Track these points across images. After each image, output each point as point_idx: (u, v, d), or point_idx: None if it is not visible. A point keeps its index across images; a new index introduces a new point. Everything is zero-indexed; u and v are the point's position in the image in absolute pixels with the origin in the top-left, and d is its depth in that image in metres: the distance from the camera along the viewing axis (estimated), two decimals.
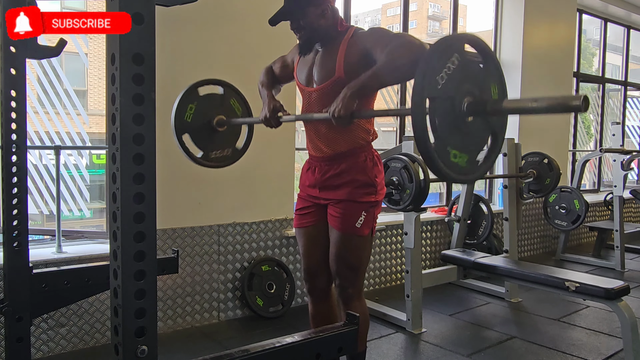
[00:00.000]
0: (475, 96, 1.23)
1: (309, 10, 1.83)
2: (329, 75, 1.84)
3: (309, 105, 1.94)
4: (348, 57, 1.81)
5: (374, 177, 1.91)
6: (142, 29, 0.89)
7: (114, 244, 0.92)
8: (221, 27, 3.05)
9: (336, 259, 1.94)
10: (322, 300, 2.09)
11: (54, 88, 3.49)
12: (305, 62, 1.96)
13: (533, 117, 5.11)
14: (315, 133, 1.95)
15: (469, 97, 1.22)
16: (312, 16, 1.83)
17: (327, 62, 1.86)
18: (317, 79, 1.89)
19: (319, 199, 1.98)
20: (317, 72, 1.89)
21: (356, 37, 1.83)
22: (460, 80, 1.21)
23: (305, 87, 1.95)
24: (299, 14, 1.84)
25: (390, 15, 26.51)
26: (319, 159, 1.96)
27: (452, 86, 1.19)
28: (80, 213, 3.83)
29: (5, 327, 1.75)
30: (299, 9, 1.83)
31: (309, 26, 1.85)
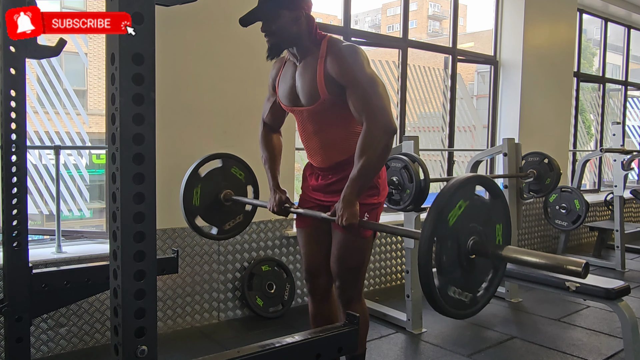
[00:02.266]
0: (480, 236, 1.29)
1: (282, 13, 1.78)
2: (314, 97, 1.82)
3: (303, 123, 1.94)
4: (327, 79, 1.78)
5: (377, 179, 1.91)
6: (142, 28, 0.89)
7: (114, 244, 0.92)
8: (221, 27, 3.05)
9: (337, 261, 1.94)
10: (323, 301, 2.09)
11: (53, 88, 3.49)
12: (285, 80, 1.93)
13: (533, 117, 5.11)
14: (311, 148, 1.97)
15: (475, 235, 1.28)
16: (285, 20, 1.78)
17: (308, 83, 1.83)
18: (304, 101, 1.87)
19: (323, 202, 1.99)
20: (301, 92, 1.86)
21: (330, 56, 1.78)
22: (468, 219, 1.27)
23: (293, 108, 1.94)
24: (272, 16, 1.79)
25: (390, 15, 26.51)
26: (319, 168, 1.98)
27: (459, 227, 1.26)
28: (80, 213, 3.82)
29: (4, 327, 1.75)
30: (273, 11, 1.78)
31: (280, 31, 1.80)
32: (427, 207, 3.97)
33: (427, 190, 2.82)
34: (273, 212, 2.01)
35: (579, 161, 5.52)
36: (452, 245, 1.26)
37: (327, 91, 1.79)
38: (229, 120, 3.12)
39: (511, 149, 3.71)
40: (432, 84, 4.69)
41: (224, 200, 2.19)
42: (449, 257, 1.26)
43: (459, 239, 1.27)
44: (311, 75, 1.81)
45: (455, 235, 1.26)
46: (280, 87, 1.96)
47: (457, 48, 4.76)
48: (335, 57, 1.77)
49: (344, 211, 1.71)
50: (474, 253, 1.28)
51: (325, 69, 1.78)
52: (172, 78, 2.90)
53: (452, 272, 1.28)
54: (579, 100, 6.11)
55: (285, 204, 2.00)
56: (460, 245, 1.27)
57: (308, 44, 1.84)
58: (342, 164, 1.90)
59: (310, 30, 1.83)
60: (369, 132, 1.72)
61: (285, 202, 2.00)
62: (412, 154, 2.91)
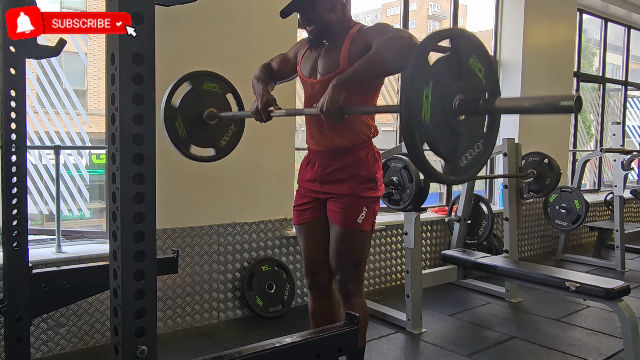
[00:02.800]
0: (466, 94, 1.19)
1: (318, 3, 1.85)
2: (333, 67, 1.85)
3: (312, 97, 1.93)
4: (352, 50, 1.83)
5: (375, 173, 1.92)
6: (142, 28, 0.89)
7: (114, 244, 0.92)
8: (221, 27, 3.05)
9: (337, 255, 1.94)
10: (322, 296, 2.09)
11: (53, 88, 3.48)
12: (310, 56, 1.98)
13: (533, 117, 5.11)
14: (317, 128, 1.94)
15: (460, 95, 1.18)
16: (322, 9, 1.86)
17: (331, 55, 1.88)
18: (321, 71, 1.91)
19: (319, 193, 1.98)
20: (322, 64, 1.91)
21: (360, 32, 1.87)
22: (452, 77, 1.18)
23: (308, 79, 1.96)
24: (309, 6, 1.86)
25: (390, 15, 26.50)
26: (320, 153, 1.95)
27: (443, 83, 1.16)
28: (80, 213, 3.82)
29: (4, 327, 1.75)
30: (309, 2, 1.86)
31: (318, 19, 1.87)
32: (427, 207, 3.98)
33: (427, 190, 2.82)
34: (255, 114, 1.87)
35: (579, 161, 5.52)
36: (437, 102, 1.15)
37: (348, 64, 1.81)
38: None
39: (511, 149, 3.71)
40: None
41: (208, 119, 2.09)
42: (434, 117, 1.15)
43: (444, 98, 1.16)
44: (336, 49, 1.87)
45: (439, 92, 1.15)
46: (303, 60, 2.00)
47: None
48: (367, 29, 1.85)
49: (325, 95, 1.62)
50: (462, 113, 1.18)
51: (352, 43, 1.84)
52: (172, 78, 2.90)
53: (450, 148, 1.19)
54: None
55: (270, 106, 1.86)
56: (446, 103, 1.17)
57: (341, 29, 1.91)
58: (344, 151, 1.90)
59: (344, 16, 1.92)
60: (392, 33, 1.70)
61: (272, 104, 1.86)
62: None
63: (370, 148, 1.94)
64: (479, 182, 5.57)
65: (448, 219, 4.21)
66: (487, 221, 4.05)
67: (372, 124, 1.96)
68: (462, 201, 4.00)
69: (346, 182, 1.90)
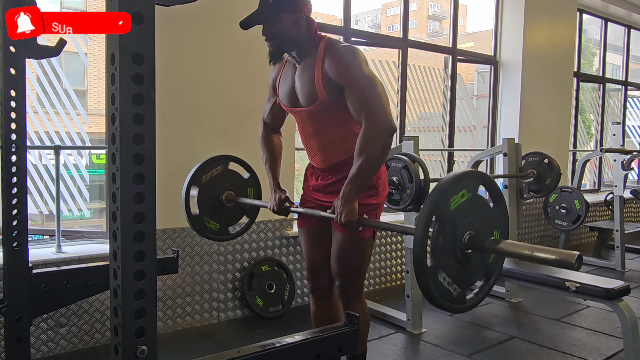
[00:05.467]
0: (477, 231, 1.29)
1: (282, 17, 1.79)
2: (312, 98, 1.83)
3: (303, 123, 1.96)
4: (325, 79, 1.80)
5: (376, 179, 1.92)
6: (142, 28, 0.88)
7: (114, 244, 0.92)
8: (221, 27, 3.05)
9: (337, 261, 1.95)
10: (324, 300, 2.10)
11: (53, 88, 3.48)
12: (285, 81, 1.95)
13: (533, 117, 5.11)
14: (311, 149, 1.99)
15: (472, 231, 1.29)
16: (285, 23, 1.80)
17: (307, 84, 1.84)
18: (302, 102, 1.88)
19: (323, 202, 2.00)
20: (300, 93, 1.88)
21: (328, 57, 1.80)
22: (468, 212, 1.28)
23: (293, 109, 1.95)
24: (272, 19, 1.80)
25: (390, 15, 26.50)
26: (319, 169, 2.00)
27: (459, 215, 1.26)
28: (80, 213, 3.82)
29: (4, 327, 1.75)
30: (272, 14, 1.79)
31: (280, 34, 1.81)
32: None
33: (427, 190, 2.82)
34: (273, 211, 2.03)
35: (579, 161, 5.52)
36: (450, 230, 1.26)
37: (325, 92, 1.80)
38: (228, 120, 3.12)
39: (511, 149, 3.71)
40: (432, 84, 4.69)
41: (226, 201, 2.20)
42: (444, 242, 1.26)
43: (456, 227, 1.27)
44: (309, 76, 1.83)
45: (453, 221, 1.26)
46: (280, 88, 1.97)
47: (457, 48, 4.76)
48: (333, 59, 1.78)
49: (342, 208, 1.72)
50: (469, 247, 1.28)
51: (324, 70, 1.79)
52: (172, 78, 2.90)
53: (446, 258, 1.27)
54: (579, 100, 6.11)
55: (285, 204, 2.01)
56: (457, 235, 1.27)
57: (307, 46, 1.85)
58: (341, 165, 1.91)
59: (310, 32, 1.84)
60: (368, 131, 1.72)
61: (285, 202, 2.01)
62: (412, 154, 2.91)
63: None
64: None
65: None
66: None
67: None
68: None
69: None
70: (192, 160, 2.99)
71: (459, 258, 1.29)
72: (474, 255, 1.31)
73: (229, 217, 2.25)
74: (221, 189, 2.20)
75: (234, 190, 2.22)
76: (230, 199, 2.20)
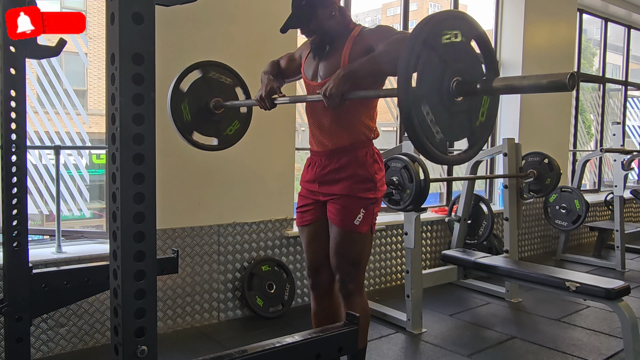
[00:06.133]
0: (464, 76, 1.20)
1: (318, 13, 1.86)
2: (334, 70, 1.85)
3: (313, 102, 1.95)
4: (353, 53, 1.84)
5: (374, 173, 1.92)
6: (142, 28, 0.88)
7: (114, 244, 0.92)
8: (221, 27, 3.05)
9: (336, 254, 1.96)
10: (324, 297, 2.10)
11: (53, 88, 3.48)
12: (312, 59, 2.00)
13: (533, 117, 5.11)
14: (318, 127, 1.97)
15: (460, 77, 1.19)
16: (322, 18, 1.87)
17: (332, 59, 1.89)
18: (322, 74, 1.92)
19: (318, 195, 2.00)
20: (323, 68, 1.93)
21: (362, 34, 1.88)
22: (457, 56, 1.19)
23: (310, 82, 1.98)
24: (309, 18, 1.87)
25: (390, 15, 26.46)
26: (320, 153, 1.98)
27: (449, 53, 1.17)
28: (80, 213, 3.82)
29: (4, 327, 1.75)
30: (309, 14, 1.86)
31: (319, 29, 1.89)
32: (427, 207, 3.97)
33: (427, 190, 2.82)
34: (260, 102, 1.92)
35: (579, 161, 5.52)
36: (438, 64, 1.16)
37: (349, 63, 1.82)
38: None
39: (511, 149, 3.70)
40: None
41: (214, 108, 2.11)
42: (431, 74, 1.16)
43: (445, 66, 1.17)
44: (337, 51, 1.88)
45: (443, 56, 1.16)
46: (306, 63, 2.02)
47: None
48: (368, 31, 1.86)
49: (331, 82, 1.66)
50: (459, 94, 1.19)
51: (354, 45, 1.85)
52: (172, 78, 2.90)
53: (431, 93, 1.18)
54: (579, 100, 6.11)
55: (275, 94, 1.91)
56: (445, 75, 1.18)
57: (343, 32, 1.91)
58: (343, 150, 1.92)
59: (345, 20, 1.93)
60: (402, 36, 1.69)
61: (276, 92, 1.91)
62: (412, 154, 2.91)
63: (369, 148, 1.95)
64: (479, 182, 5.57)
65: (448, 219, 4.21)
66: (487, 221, 4.05)
67: (373, 126, 1.97)
68: (462, 201, 4.00)
69: (343, 182, 1.92)
70: (192, 160, 3.00)
71: (445, 102, 1.19)
72: (462, 106, 1.22)
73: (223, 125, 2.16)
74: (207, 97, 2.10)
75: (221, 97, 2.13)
76: (219, 105, 2.11)
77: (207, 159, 3.02)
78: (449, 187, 4.91)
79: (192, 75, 2.13)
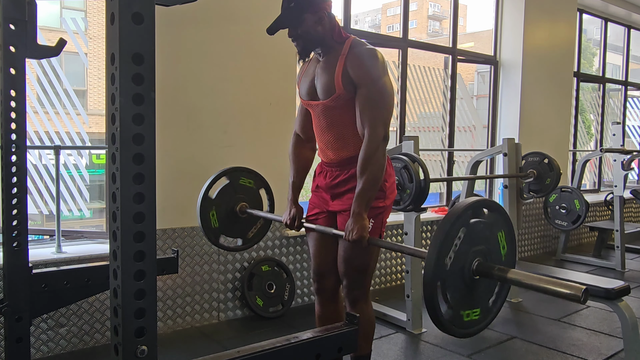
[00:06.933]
0: (484, 256, 1.31)
1: (306, 17, 1.84)
2: (330, 92, 1.87)
3: (318, 117, 1.98)
4: (344, 75, 1.84)
5: (383, 181, 1.92)
6: (142, 28, 0.88)
7: (114, 244, 0.92)
8: (221, 27, 3.05)
9: (344, 262, 1.98)
10: (329, 302, 2.12)
11: (53, 88, 3.48)
12: (307, 75, 1.99)
13: (533, 117, 5.11)
14: (324, 143, 1.99)
15: (479, 257, 1.30)
16: (309, 23, 1.85)
17: (327, 78, 1.89)
18: (320, 94, 1.92)
19: (327, 203, 2.03)
20: (319, 86, 1.92)
21: (351, 56, 1.85)
22: (468, 248, 1.28)
23: (309, 102, 1.98)
24: (296, 22, 1.85)
25: (390, 15, 26.49)
26: (329, 164, 2.00)
27: (460, 259, 1.27)
28: (80, 213, 3.82)
29: (4, 327, 1.75)
30: (296, 17, 1.84)
31: (305, 34, 1.86)
32: (427, 207, 3.98)
33: (427, 190, 2.82)
34: (286, 225, 2.07)
35: (579, 161, 5.52)
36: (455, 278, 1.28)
37: (343, 87, 1.84)
38: (228, 120, 3.12)
39: (511, 149, 3.71)
40: (432, 84, 4.69)
41: (240, 213, 2.24)
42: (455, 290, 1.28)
43: (462, 269, 1.29)
44: (331, 70, 1.87)
45: (457, 270, 1.28)
46: (301, 84, 2.02)
47: (457, 48, 4.76)
48: (356, 57, 1.83)
49: (353, 225, 1.78)
50: (478, 274, 1.30)
51: (345, 66, 1.84)
52: (172, 78, 2.90)
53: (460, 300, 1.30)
54: (579, 100, 6.11)
55: (299, 221, 2.06)
56: (465, 273, 1.29)
57: (332, 43, 1.90)
58: (350, 160, 1.93)
59: (333, 29, 1.90)
60: (370, 144, 1.79)
61: (300, 217, 2.06)
62: (412, 154, 2.91)
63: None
64: (479, 182, 5.57)
65: None
66: None
67: None
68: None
69: (351, 193, 1.92)
70: (192, 160, 3.01)
71: (470, 286, 1.31)
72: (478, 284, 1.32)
73: (247, 226, 2.30)
74: (233, 202, 2.24)
75: (246, 199, 2.26)
76: (244, 211, 2.24)
77: (207, 159, 3.03)
78: (449, 187, 4.91)
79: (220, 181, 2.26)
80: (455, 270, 1.27)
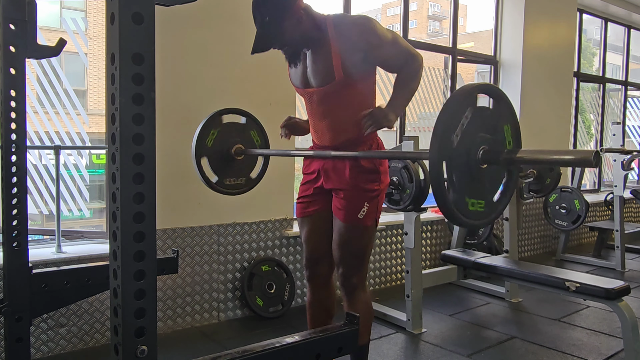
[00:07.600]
0: (490, 144, 1.27)
1: (285, 26, 1.77)
2: (328, 78, 1.83)
3: (313, 105, 1.94)
4: (344, 57, 1.80)
5: (378, 165, 1.93)
6: (142, 28, 0.88)
7: (114, 244, 0.92)
8: (221, 27, 3.05)
9: (339, 248, 1.95)
10: (321, 288, 2.10)
11: (53, 88, 3.48)
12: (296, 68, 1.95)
13: (533, 117, 5.11)
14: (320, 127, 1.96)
15: (485, 145, 1.26)
16: (290, 29, 1.78)
17: (321, 65, 1.84)
18: (315, 83, 1.88)
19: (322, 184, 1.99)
20: (313, 75, 1.88)
21: (339, 30, 1.81)
22: (475, 131, 1.25)
23: (303, 90, 1.95)
24: (279, 35, 1.78)
25: (390, 15, 26.49)
26: (324, 147, 1.96)
27: (467, 140, 1.23)
28: (80, 213, 3.82)
29: (4, 327, 1.75)
30: (276, 30, 1.77)
31: (291, 40, 1.81)
32: (427, 207, 3.99)
33: (427, 190, 2.82)
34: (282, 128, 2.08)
35: None
36: (462, 161, 1.23)
37: (343, 71, 1.81)
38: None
39: None
40: (432, 84, 4.69)
41: (234, 154, 2.18)
42: (460, 173, 1.24)
43: (468, 153, 1.24)
44: (324, 58, 1.83)
45: (463, 150, 1.23)
46: (293, 74, 1.98)
47: (457, 48, 4.76)
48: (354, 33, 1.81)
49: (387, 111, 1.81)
50: (485, 163, 1.25)
51: (341, 48, 1.80)
52: (172, 78, 2.90)
53: (466, 186, 1.25)
54: (579, 100, 6.11)
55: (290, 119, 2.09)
56: (470, 158, 1.24)
57: (316, 33, 1.84)
58: (346, 143, 1.91)
59: (313, 20, 1.84)
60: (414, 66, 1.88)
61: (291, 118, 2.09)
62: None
63: (374, 140, 1.95)
64: None
65: None
66: None
67: None
68: None
69: (348, 171, 1.90)
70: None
71: (477, 176, 1.26)
72: (491, 167, 1.27)
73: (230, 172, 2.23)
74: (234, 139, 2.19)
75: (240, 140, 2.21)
76: (240, 152, 2.18)
77: None
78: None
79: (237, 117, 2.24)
80: (461, 152, 1.22)
